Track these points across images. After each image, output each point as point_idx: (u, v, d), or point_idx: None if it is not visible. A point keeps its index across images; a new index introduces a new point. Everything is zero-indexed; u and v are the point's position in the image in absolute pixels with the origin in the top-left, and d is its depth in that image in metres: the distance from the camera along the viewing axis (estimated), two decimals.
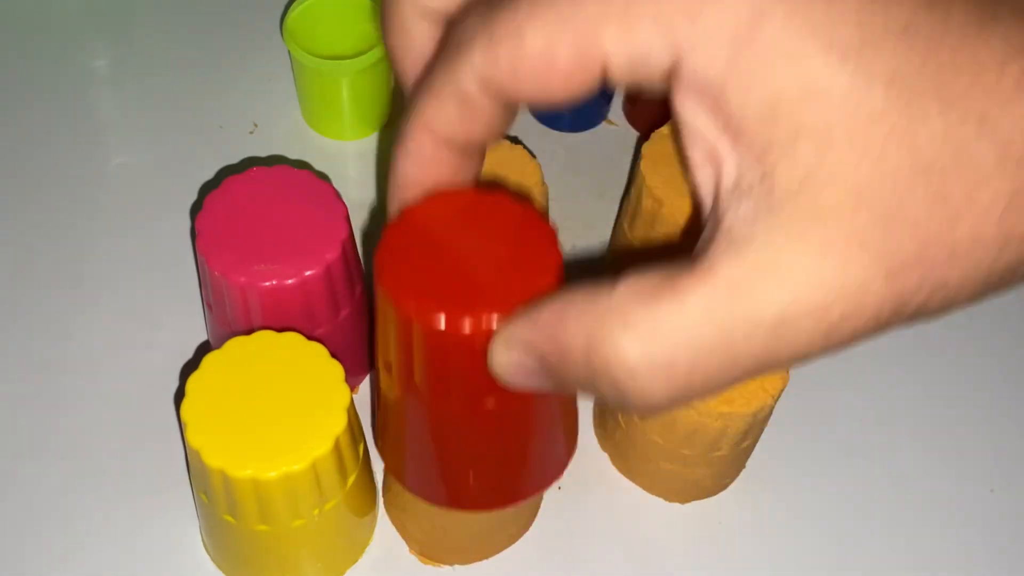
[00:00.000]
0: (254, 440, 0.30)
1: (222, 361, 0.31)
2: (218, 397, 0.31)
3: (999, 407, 0.43)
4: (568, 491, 0.39)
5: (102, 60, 0.52)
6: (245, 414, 0.30)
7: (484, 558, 0.38)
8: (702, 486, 0.39)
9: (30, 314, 0.43)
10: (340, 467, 0.32)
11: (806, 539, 0.39)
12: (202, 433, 0.30)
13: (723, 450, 0.36)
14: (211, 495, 0.32)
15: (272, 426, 0.30)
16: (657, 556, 0.38)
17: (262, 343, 0.32)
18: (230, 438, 0.30)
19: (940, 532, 0.39)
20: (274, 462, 0.30)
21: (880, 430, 0.42)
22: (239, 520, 0.32)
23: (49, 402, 0.40)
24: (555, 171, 0.50)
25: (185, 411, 0.30)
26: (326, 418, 0.31)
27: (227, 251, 0.34)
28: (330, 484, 0.32)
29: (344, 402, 0.31)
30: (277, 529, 0.32)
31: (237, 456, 0.30)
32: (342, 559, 0.37)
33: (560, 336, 0.23)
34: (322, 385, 0.31)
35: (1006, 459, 0.42)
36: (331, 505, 0.32)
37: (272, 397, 0.31)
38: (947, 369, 0.44)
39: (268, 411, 0.31)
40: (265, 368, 0.31)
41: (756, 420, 0.35)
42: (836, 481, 0.41)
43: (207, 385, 0.31)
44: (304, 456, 0.30)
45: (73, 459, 0.39)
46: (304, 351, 0.32)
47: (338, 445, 0.31)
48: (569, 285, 0.24)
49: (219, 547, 0.36)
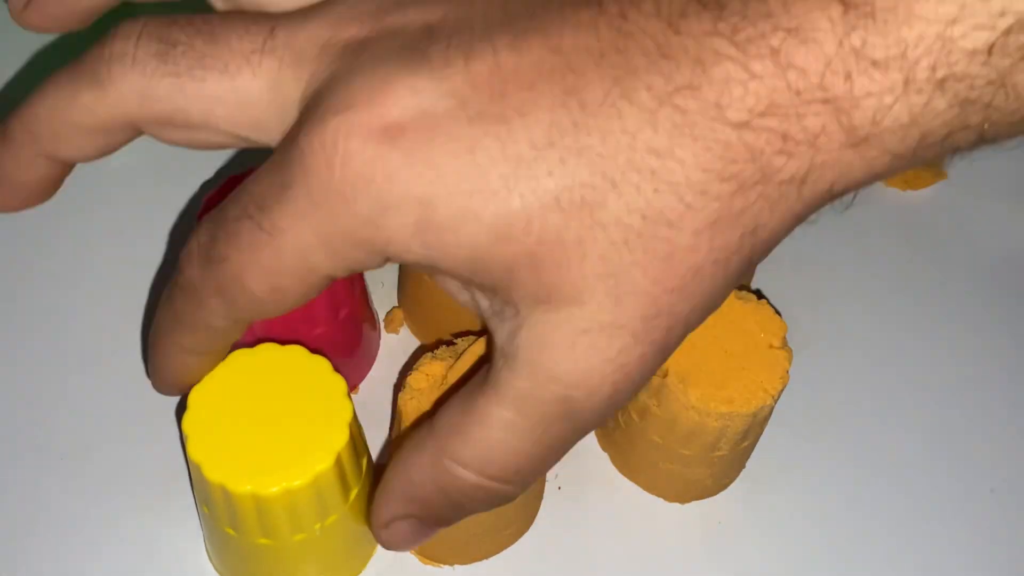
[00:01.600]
0: (255, 454, 0.30)
1: (224, 373, 0.31)
2: (220, 410, 0.31)
3: (999, 407, 0.43)
4: (568, 491, 0.39)
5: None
6: (247, 428, 0.30)
7: (484, 558, 0.38)
8: (702, 486, 0.39)
9: (28, 315, 0.43)
10: (342, 481, 0.32)
11: (806, 539, 0.39)
12: (203, 447, 0.30)
13: (723, 450, 0.36)
14: (212, 508, 0.32)
15: (273, 440, 0.30)
16: (657, 556, 0.38)
17: (265, 355, 0.32)
18: (231, 452, 0.30)
19: (940, 532, 0.39)
20: (275, 477, 0.29)
21: (880, 430, 0.42)
22: (240, 534, 0.32)
23: (48, 407, 0.40)
24: None
25: (187, 424, 0.30)
26: (328, 432, 0.30)
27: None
28: (332, 498, 0.32)
29: (347, 416, 0.31)
30: (278, 543, 0.32)
31: (238, 471, 0.30)
32: (345, 571, 0.37)
33: (415, 493, 0.28)
34: (325, 399, 0.31)
35: (1006, 459, 0.42)
36: (333, 519, 0.32)
37: (274, 411, 0.31)
38: (947, 369, 0.44)
39: (270, 425, 0.30)
40: (268, 381, 0.31)
41: (756, 420, 0.35)
42: (836, 481, 0.41)
43: (209, 397, 0.31)
44: (305, 471, 0.30)
45: (73, 464, 0.39)
46: (307, 364, 0.32)
47: (340, 460, 0.31)
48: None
49: (222, 558, 0.36)
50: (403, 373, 0.42)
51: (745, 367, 0.35)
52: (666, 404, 0.35)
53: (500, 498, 0.27)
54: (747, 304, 0.37)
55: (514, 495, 0.27)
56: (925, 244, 0.49)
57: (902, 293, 0.47)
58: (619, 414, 0.38)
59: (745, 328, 0.36)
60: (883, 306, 0.46)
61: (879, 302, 0.47)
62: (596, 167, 0.22)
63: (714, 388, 0.35)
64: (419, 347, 0.43)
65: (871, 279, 0.47)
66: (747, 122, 0.21)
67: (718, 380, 0.35)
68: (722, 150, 0.22)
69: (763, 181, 0.22)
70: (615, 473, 0.40)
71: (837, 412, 0.43)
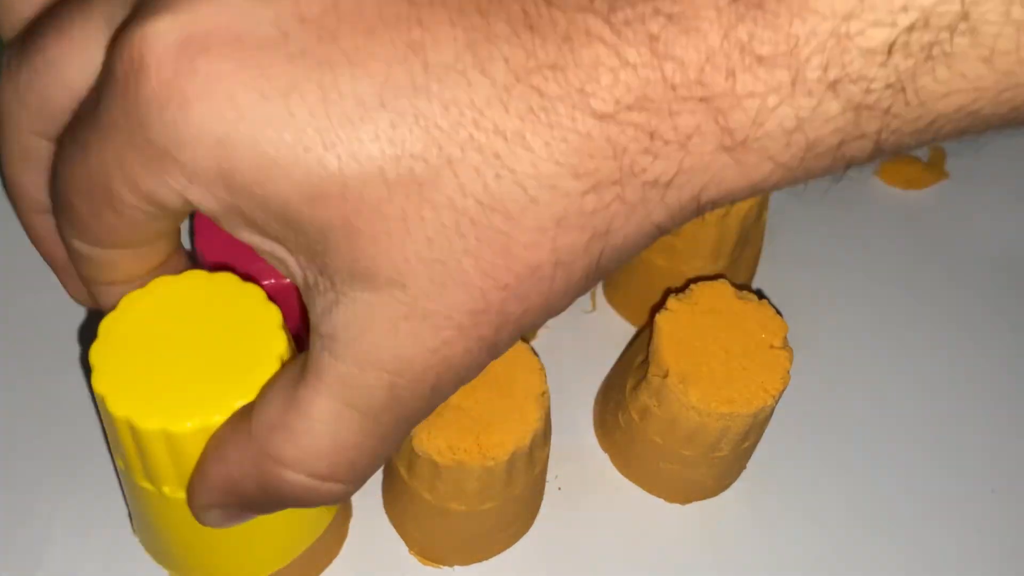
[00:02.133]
0: (169, 387, 0.26)
1: (142, 300, 0.27)
2: (134, 340, 0.27)
3: (999, 407, 0.43)
4: (568, 491, 0.39)
5: None
6: (163, 358, 0.26)
7: (484, 558, 0.38)
8: (703, 486, 0.39)
9: (25, 308, 0.43)
10: None
11: (806, 539, 0.39)
12: (110, 378, 0.26)
13: (724, 451, 0.36)
14: (125, 457, 0.28)
15: (193, 373, 0.26)
16: (657, 556, 0.38)
17: (190, 282, 0.28)
18: (141, 384, 0.26)
19: (940, 532, 0.39)
20: (189, 411, 0.25)
21: (880, 430, 0.42)
22: (156, 486, 0.28)
23: (48, 405, 0.40)
24: None
25: (94, 354, 0.26)
26: (256, 366, 0.26)
27: (226, 249, 0.34)
28: None
29: (279, 349, 0.27)
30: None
31: (147, 405, 0.25)
32: (289, 540, 0.33)
33: (237, 490, 0.25)
34: (255, 329, 0.27)
35: (1007, 459, 0.42)
36: None
37: (196, 341, 0.27)
38: (947, 369, 0.44)
39: (190, 356, 0.26)
40: (193, 310, 0.27)
41: (757, 421, 0.35)
42: (836, 481, 0.40)
43: (123, 327, 0.27)
44: (225, 406, 0.25)
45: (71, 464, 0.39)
46: (238, 292, 0.28)
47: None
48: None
49: (144, 527, 0.32)
50: None
51: (746, 367, 0.35)
52: (666, 404, 0.35)
53: (334, 497, 0.24)
54: (748, 304, 0.37)
55: (348, 493, 0.25)
56: (925, 244, 0.49)
57: (902, 293, 0.47)
58: (619, 414, 0.38)
59: (746, 328, 0.36)
60: (883, 306, 0.46)
61: (879, 302, 0.47)
62: (432, 139, 0.19)
63: (715, 388, 0.35)
64: None
65: (871, 279, 0.47)
66: (612, 114, 0.19)
67: (719, 380, 0.35)
68: (580, 143, 0.19)
69: (622, 182, 0.20)
70: (615, 473, 0.40)
71: (837, 412, 0.42)
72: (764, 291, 0.46)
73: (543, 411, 0.33)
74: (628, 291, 0.44)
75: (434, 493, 0.34)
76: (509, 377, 0.33)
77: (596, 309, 0.45)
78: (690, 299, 0.37)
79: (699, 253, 0.40)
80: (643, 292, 0.43)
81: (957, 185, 0.52)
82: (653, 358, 0.36)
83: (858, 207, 0.50)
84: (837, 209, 0.50)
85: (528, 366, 0.34)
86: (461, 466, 0.32)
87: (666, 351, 0.35)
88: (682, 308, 0.36)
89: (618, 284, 0.44)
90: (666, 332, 0.36)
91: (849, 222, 0.49)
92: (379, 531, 0.38)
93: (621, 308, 0.45)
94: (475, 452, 0.32)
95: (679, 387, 0.35)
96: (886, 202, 0.51)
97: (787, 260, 0.48)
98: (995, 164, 0.53)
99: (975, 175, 0.52)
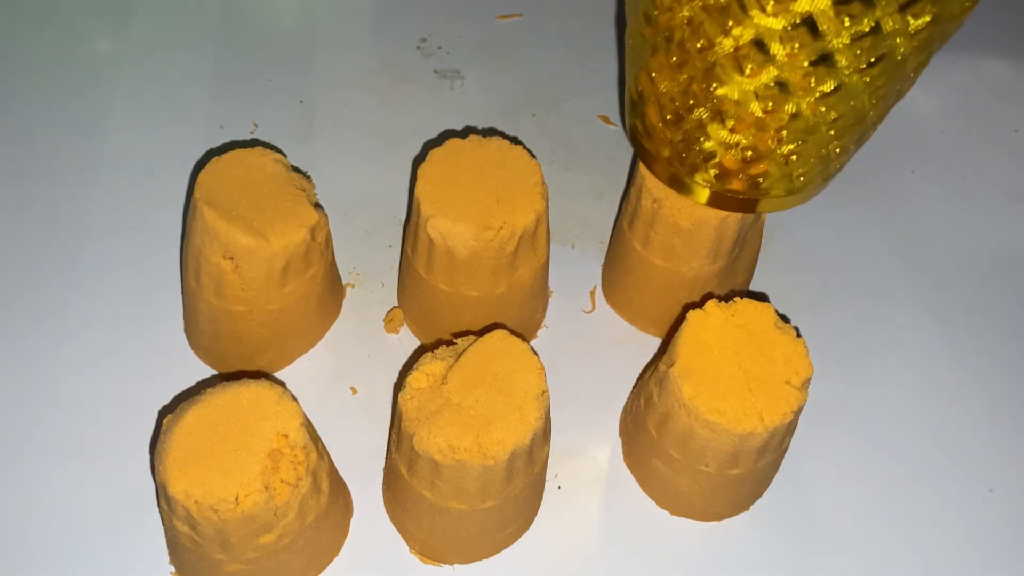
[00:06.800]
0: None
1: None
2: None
3: (999, 407, 0.43)
4: (568, 491, 0.40)
5: (103, 61, 0.52)
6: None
7: (484, 558, 0.38)
8: (689, 502, 0.39)
9: (24, 305, 0.43)
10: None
11: (805, 539, 0.39)
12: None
13: (710, 467, 0.36)
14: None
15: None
16: (655, 556, 0.38)
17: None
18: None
19: (939, 531, 0.39)
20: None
21: (879, 429, 0.42)
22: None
23: (48, 402, 0.40)
24: (555, 171, 0.50)
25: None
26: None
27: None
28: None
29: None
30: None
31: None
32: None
33: None
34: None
35: (1005, 459, 0.42)
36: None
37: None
38: (947, 369, 0.44)
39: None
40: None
41: (744, 447, 0.35)
42: (836, 481, 0.41)
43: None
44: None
45: (64, 456, 0.39)
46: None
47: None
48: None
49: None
50: (403, 373, 0.42)
51: (752, 391, 0.34)
52: (664, 396, 0.35)
53: None
54: (783, 336, 0.36)
55: None
56: (925, 244, 0.49)
57: (902, 293, 0.47)
58: (635, 399, 0.38)
59: (771, 356, 0.35)
60: (883, 306, 0.46)
61: (879, 302, 0.47)
62: None
63: (709, 394, 0.34)
64: (419, 347, 0.43)
65: (871, 279, 0.47)
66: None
67: (719, 390, 0.34)
68: None
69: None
70: (615, 473, 0.40)
71: (836, 412, 0.43)
72: (763, 291, 0.46)
73: (543, 410, 0.33)
74: (627, 291, 0.44)
75: (434, 492, 0.34)
76: (509, 377, 0.33)
77: (596, 309, 0.45)
78: (729, 309, 0.36)
79: (697, 254, 0.40)
80: (642, 292, 0.43)
81: (956, 185, 0.52)
82: (670, 348, 0.36)
83: (857, 206, 0.50)
84: (837, 209, 0.50)
85: (528, 366, 0.34)
86: (461, 465, 0.32)
87: (683, 345, 0.35)
88: (717, 313, 0.36)
89: (618, 284, 0.44)
90: (692, 328, 0.36)
91: (848, 222, 0.50)
92: (379, 530, 0.38)
93: (620, 308, 0.45)
94: (475, 451, 0.32)
95: (677, 379, 0.34)
96: (885, 201, 0.51)
97: (786, 261, 0.48)
98: (993, 164, 0.53)
99: (974, 175, 0.52)
